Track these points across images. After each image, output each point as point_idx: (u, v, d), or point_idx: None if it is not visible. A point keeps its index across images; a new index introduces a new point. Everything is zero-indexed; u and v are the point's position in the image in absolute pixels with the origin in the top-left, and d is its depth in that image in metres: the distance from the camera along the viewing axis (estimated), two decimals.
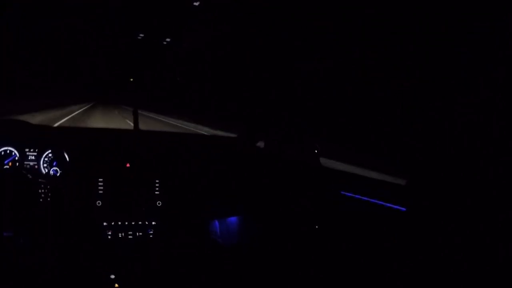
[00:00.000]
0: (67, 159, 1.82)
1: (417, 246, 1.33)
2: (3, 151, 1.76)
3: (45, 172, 1.80)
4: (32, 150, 1.80)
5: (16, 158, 1.77)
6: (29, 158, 1.80)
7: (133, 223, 1.82)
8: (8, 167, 1.74)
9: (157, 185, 1.88)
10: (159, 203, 1.87)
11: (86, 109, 18.04)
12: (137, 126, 2.22)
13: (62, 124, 9.74)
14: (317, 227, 2.00)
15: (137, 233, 1.82)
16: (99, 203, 1.77)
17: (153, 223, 1.85)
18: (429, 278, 1.25)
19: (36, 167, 1.80)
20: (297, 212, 2.07)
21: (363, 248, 1.70)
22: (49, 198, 1.71)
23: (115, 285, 1.72)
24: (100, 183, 1.77)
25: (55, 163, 1.81)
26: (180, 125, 14.19)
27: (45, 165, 1.81)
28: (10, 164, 1.75)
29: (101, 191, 1.77)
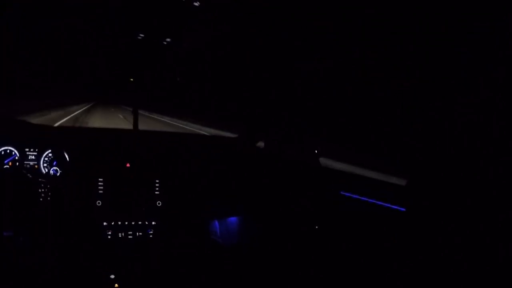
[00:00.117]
0: (67, 159, 1.82)
1: (417, 246, 1.33)
2: (3, 151, 1.76)
3: (45, 172, 1.80)
4: (32, 150, 1.80)
5: (16, 157, 1.77)
6: (29, 157, 1.80)
7: (133, 223, 1.82)
8: (8, 167, 1.74)
9: (157, 185, 1.88)
10: (159, 203, 1.87)
11: (86, 109, 18.04)
12: (136, 125, 2.22)
13: (62, 123, 9.73)
14: (317, 227, 2.00)
15: (137, 233, 1.82)
16: (99, 203, 1.77)
17: (153, 223, 1.85)
18: (429, 278, 1.25)
19: (36, 166, 1.80)
20: (297, 212, 2.07)
21: (363, 248, 1.70)
22: (49, 198, 1.71)
23: (115, 285, 1.72)
24: (100, 183, 1.78)
25: (55, 163, 1.81)
26: (181, 125, 14.19)
27: (45, 165, 1.82)
28: (10, 163, 1.75)
29: (101, 191, 1.77)
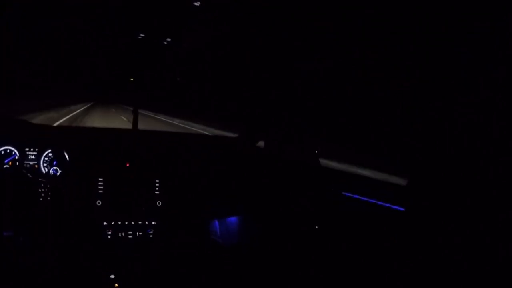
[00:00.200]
0: (67, 159, 1.82)
1: (417, 246, 1.33)
2: (3, 151, 1.76)
3: (45, 171, 1.80)
4: (32, 149, 1.80)
5: (16, 157, 1.77)
6: (29, 157, 1.80)
7: (133, 223, 1.82)
8: (8, 167, 1.74)
9: (157, 185, 1.88)
10: (159, 203, 1.87)
11: (85, 109, 18.06)
12: (136, 125, 2.22)
13: (62, 123, 9.74)
14: (317, 227, 2.00)
15: (137, 233, 1.82)
16: (99, 203, 1.77)
17: (153, 223, 1.85)
18: (429, 278, 1.25)
19: (36, 166, 1.80)
20: (297, 212, 2.07)
21: (363, 248, 1.70)
22: (49, 197, 1.71)
23: (115, 285, 1.72)
24: (100, 183, 1.77)
25: (55, 163, 1.81)
26: (182, 125, 14.20)
27: (45, 164, 1.81)
28: (10, 163, 1.75)
29: (101, 191, 1.77)
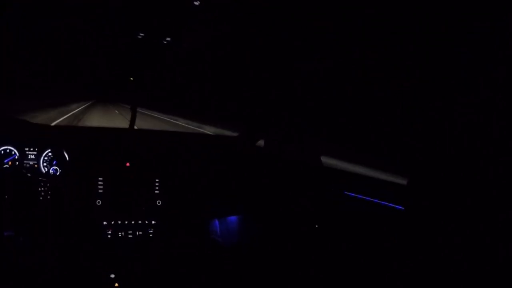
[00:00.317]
0: (67, 159, 1.82)
1: (417, 246, 1.33)
2: (3, 150, 1.76)
3: (45, 171, 1.80)
4: (32, 149, 1.80)
5: (16, 157, 1.77)
6: (29, 157, 1.80)
7: (133, 222, 1.82)
8: (8, 166, 1.74)
9: (157, 184, 1.88)
10: (159, 203, 1.87)
11: (85, 108, 18.08)
12: (133, 124, 2.21)
13: (62, 121, 9.73)
14: (317, 226, 2.00)
15: (137, 233, 1.82)
16: (99, 203, 1.77)
17: (153, 222, 1.85)
18: (429, 278, 1.25)
19: (36, 166, 1.80)
20: (297, 212, 2.07)
21: (363, 247, 1.70)
22: (49, 197, 1.71)
23: (115, 284, 1.72)
24: (100, 183, 1.78)
25: (55, 162, 1.81)
26: (182, 124, 14.20)
27: (45, 164, 1.81)
28: (10, 163, 1.75)
29: (101, 191, 1.77)
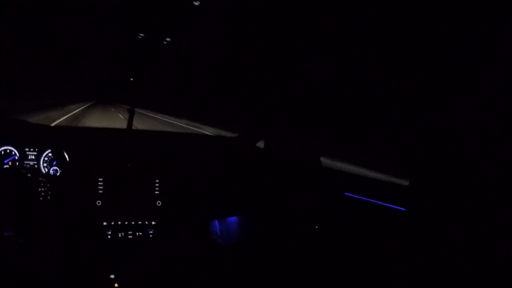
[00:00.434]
0: (67, 159, 1.82)
1: (417, 246, 1.33)
2: (3, 151, 1.76)
3: (45, 171, 1.80)
4: (32, 149, 1.80)
5: (16, 157, 1.77)
6: (29, 157, 1.80)
7: (133, 223, 1.82)
8: (8, 167, 1.74)
9: (157, 185, 1.88)
10: (159, 203, 1.87)
11: (85, 108, 18.09)
12: (131, 125, 2.21)
13: (62, 122, 9.73)
14: (317, 227, 2.00)
15: (137, 233, 1.82)
16: (99, 203, 1.77)
17: (153, 223, 1.85)
18: (429, 278, 1.25)
19: (36, 166, 1.80)
20: (297, 212, 2.07)
21: (363, 248, 1.70)
22: (49, 197, 1.71)
23: (115, 285, 1.72)
24: (100, 183, 1.77)
25: (55, 163, 1.81)
26: (182, 124, 14.20)
27: (45, 164, 1.81)
28: (10, 163, 1.75)
29: (101, 191, 1.77)
